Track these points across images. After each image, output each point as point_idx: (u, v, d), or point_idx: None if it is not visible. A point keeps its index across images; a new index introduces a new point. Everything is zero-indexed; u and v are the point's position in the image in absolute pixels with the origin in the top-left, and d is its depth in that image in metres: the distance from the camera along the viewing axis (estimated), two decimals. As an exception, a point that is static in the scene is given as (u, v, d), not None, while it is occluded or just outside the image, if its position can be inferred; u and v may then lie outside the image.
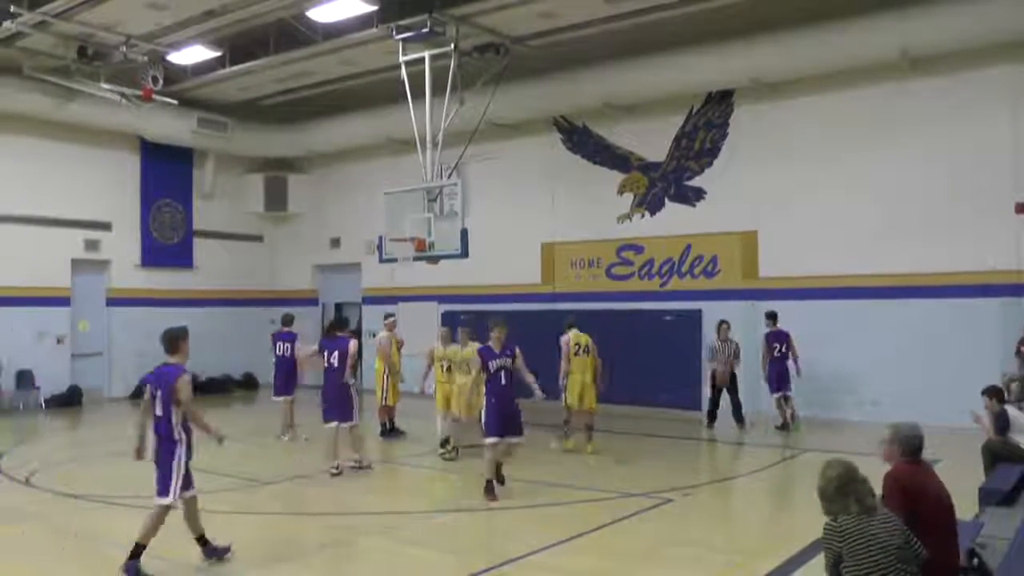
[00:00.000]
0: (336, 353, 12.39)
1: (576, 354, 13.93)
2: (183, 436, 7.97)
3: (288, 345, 15.64)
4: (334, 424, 12.22)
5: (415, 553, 8.62)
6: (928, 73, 15.94)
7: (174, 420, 7.89)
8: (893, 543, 4.85)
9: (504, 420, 10.64)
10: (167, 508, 7.84)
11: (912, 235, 16.02)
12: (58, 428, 18.21)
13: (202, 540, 8.23)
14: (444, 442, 13.47)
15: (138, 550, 7.72)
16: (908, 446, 5.65)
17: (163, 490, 7.81)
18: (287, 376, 15.61)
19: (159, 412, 7.90)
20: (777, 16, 15.95)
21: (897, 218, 16.18)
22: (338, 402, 12.24)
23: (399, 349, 15.61)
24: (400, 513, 10.33)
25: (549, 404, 12.41)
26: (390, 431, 15.51)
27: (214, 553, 8.19)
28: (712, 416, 16.30)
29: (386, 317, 15.95)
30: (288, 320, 16.21)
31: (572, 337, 14.06)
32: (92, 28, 16.78)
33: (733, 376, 16.09)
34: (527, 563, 7.92)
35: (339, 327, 13.49)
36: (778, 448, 14.14)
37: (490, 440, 10.66)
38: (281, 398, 15.63)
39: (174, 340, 8.19)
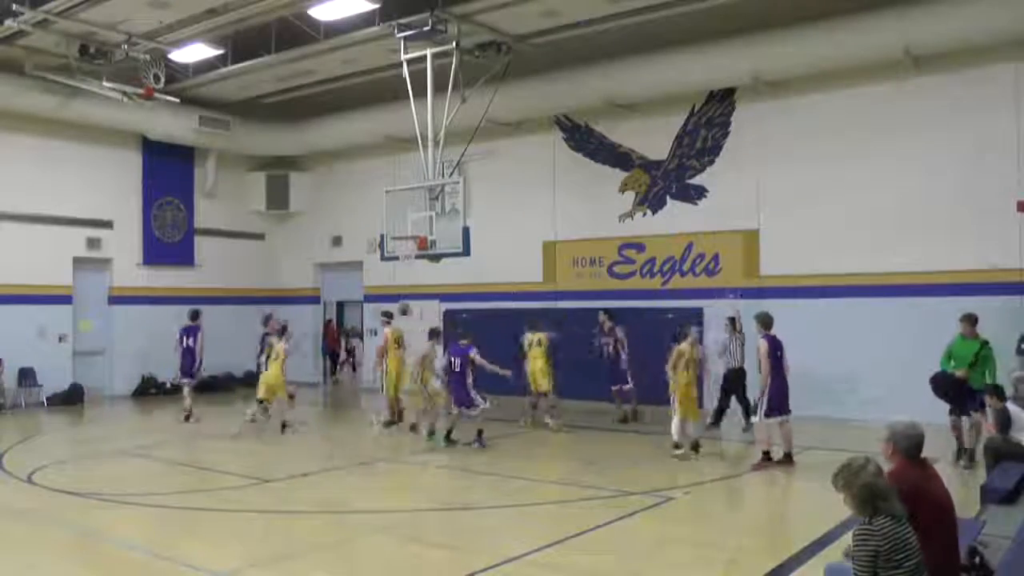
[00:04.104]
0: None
1: (531, 347, 16.32)
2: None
3: (191, 338, 17.87)
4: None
5: (416, 551, 8.62)
6: (931, 71, 15.92)
7: (468, 379, 14.05)
8: (920, 555, 4.83)
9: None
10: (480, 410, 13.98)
11: (914, 233, 16.02)
12: (60, 426, 18.23)
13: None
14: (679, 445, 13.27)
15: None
16: (905, 445, 5.56)
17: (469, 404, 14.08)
18: (190, 364, 17.84)
19: (459, 370, 14.10)
20: (779, 14, 15.95)
21: (899, 216, 16.17)
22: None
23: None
24: (402, 511, 10.33)
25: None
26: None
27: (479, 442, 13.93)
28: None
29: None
30: (193, 315, 18.16)
31: (528, 337, 16.32)
32: (94, 26, 16.79)
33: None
34: (528, 561, 7.92)
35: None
36: (777, 446, 14.12)
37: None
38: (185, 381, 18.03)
39: (468, 331, 14.97)
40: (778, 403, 12.44)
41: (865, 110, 16.64)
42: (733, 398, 15.88)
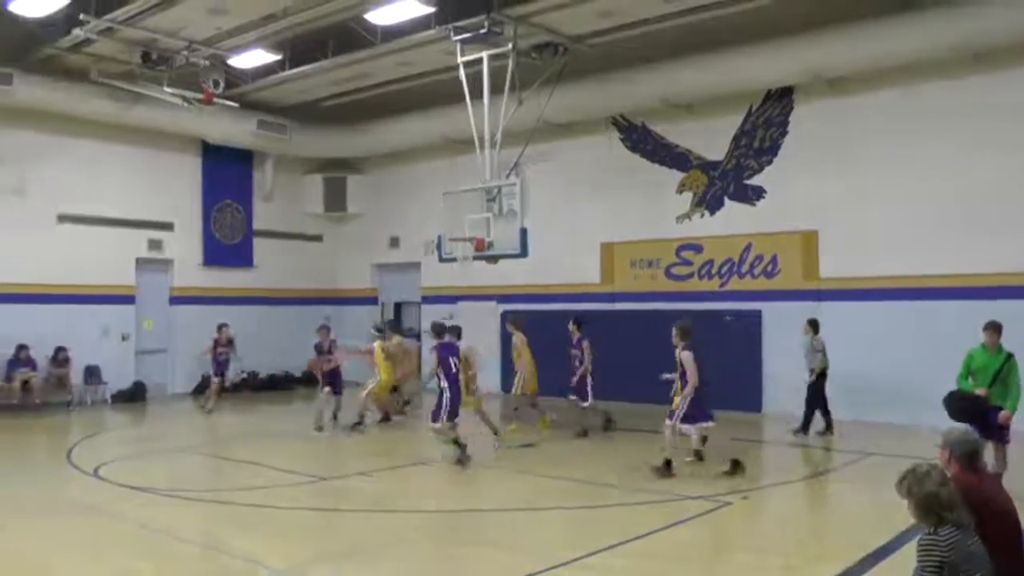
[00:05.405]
0: None
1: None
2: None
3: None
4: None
5: (468, 551, 8.66)
6: (992, 67, 15.57)
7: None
8: (987, 566, 4.72)
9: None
10: (438, 430, 12.79)
11: (981, 234, 15.64)
12: (124, 423, 18.59)
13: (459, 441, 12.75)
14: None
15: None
16: (960, 452, 5.43)
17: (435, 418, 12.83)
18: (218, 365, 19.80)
19: (456, 371, 12.89)
20: (837, 11, 15.71)
21: (964, 216, 15.80)
22: None
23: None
24: (455, 511, 10.38)
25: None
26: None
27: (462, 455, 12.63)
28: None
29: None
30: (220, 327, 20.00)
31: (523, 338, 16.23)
32: (155, 34, 17.09)
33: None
34: (582, 565, 7.89)
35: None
36: (839, 452, 13.97)
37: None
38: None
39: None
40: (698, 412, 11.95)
41: (926, 107, 16.32)
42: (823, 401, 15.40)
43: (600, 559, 8.10)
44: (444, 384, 12.86)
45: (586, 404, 15.43)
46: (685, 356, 11.95)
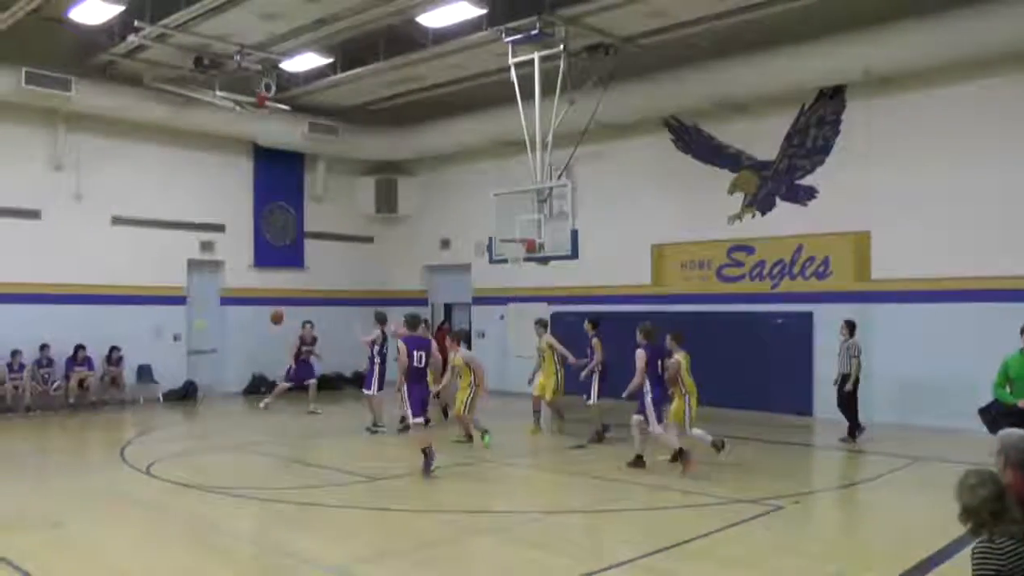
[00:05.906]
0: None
1: None
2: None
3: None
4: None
5: (523, 553, 8.61)
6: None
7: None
8: None
9: None
10: (418, 425, 12.27)
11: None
12: (175, 421, 18.83)
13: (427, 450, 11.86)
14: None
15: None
16: (1017, 458, 5.28)
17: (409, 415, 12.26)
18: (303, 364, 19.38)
19: (423, 366, 12.17)
20: (890, 6, 15.47)
21: (1020, 218, 15.52)
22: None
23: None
24: (507, 512, 10.37)
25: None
26: None
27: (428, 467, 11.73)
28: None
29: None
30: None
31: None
32: (208, 39, 17.33)
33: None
34: (635, 567, 7.85)
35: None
36: (893, 457, 13.75)
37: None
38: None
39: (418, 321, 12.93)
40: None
41: (983, 106, 15.97)
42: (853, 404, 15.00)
43: (652, 561, 8.05)
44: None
45: (590, 402, 15.15)
46: (637, 354, 12.02)
